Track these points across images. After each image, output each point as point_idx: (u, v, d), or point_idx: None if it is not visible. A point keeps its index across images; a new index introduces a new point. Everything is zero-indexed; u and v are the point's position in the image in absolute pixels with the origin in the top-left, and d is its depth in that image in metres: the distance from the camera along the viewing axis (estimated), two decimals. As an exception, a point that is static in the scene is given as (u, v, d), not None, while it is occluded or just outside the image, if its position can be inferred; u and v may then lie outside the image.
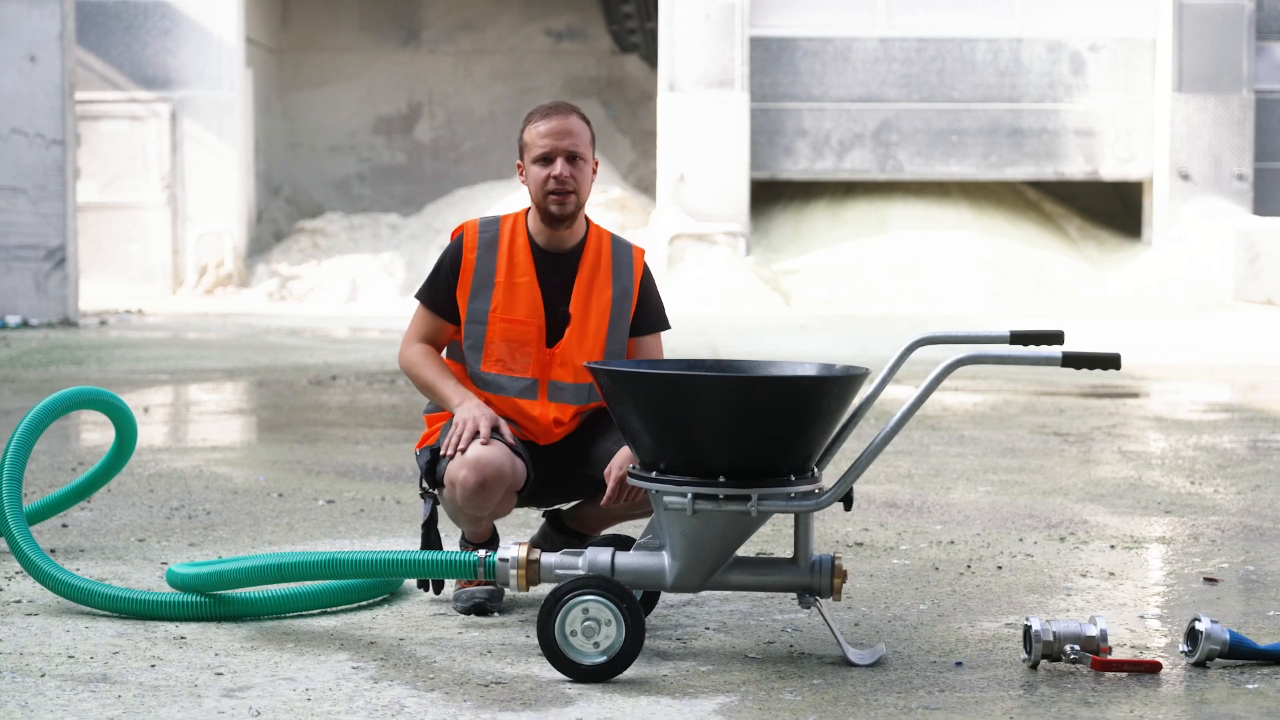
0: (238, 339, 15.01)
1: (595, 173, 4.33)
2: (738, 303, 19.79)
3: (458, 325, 4.33)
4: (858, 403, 3.95)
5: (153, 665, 3.72)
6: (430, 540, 4.27)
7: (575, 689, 3.58)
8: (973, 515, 5.92)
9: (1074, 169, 21.61)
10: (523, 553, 3.83)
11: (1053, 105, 21.47)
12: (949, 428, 8.63)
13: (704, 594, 4.54)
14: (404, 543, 5.25)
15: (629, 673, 3.68)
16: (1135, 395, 10.59)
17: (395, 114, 26.15)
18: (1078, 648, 3.70)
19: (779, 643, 4.02)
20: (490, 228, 4.33)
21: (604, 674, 3.63)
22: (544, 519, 4.50)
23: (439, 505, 4.28)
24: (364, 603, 4.36)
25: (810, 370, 3.97)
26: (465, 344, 4.32)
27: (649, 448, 3.76)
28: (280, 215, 24.30)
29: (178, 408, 9.73)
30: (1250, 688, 3.60)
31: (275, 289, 21.50)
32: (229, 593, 4.17)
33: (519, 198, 21.15)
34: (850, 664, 3.78)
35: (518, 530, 5.34)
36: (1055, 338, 4.10)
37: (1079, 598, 4.55)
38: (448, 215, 22.87)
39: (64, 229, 16.12)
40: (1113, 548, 5.30)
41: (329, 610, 4.29)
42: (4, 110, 15.97)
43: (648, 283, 4.41)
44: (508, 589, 4.24)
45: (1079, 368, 3.71)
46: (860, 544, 5.34)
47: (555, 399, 4.31)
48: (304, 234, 23.04)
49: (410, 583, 4.58)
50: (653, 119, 24.06)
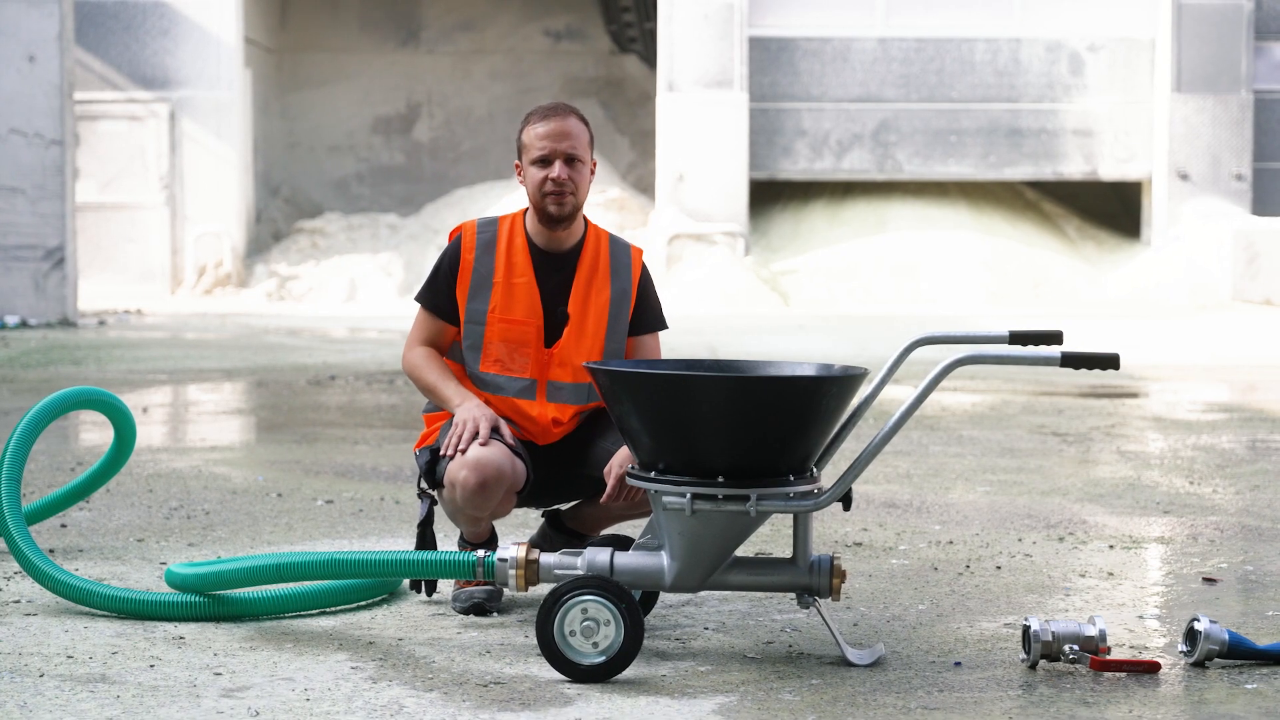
0: (236, 339, 15.00)
1: (593, 173, 4.33)
2: (736, 303, 19.79)
3: (459, 326, 4.33)
4: (856, 403, 3.95)
5: (151, 665, 3.72)
6: (425, 540, 4.27)
7: (574, 689, 3.58)
8: (971, 515, 5.92)
9: (1073, 169, 21.61)
10: (521, 553, 3.83)
11: (1051, 105, 21.47)
12: (948, 428, 8.63)
13: (703, 594, 4.53)
14: (403, 543, 5.25)
15: (628, 673, 3.68)
16: (1134, 395, 10.59)
17: (394, 114, 26.15)
18: (1076, 648, 3.70)
19: (778, 643, 4.02)
20: (488, 228, 4.34)
21: (603, 674, 3.63)
22: (543, 519, 4.50)
23: (435, 505, 4.28)
24: (363, 603, 4.36)
25: (809, 370, 3.97)
26: (464, 344, 4.32)
27: (648, 448, 3.76)
28: (279, 215, 24.29)
29: (176, 408, 9.73)
30: (1249, 688, 3.60)
31: (274, 289, 21.50)
32: (228, 593, 4.17)
33: (518, 198, 21.14)
34: (849, 664, 3.78)
35: (517, 530, 5.33)
36: (1054, 338, 4.10)
37: (1078, 598, 4.55)
38: (446, 215, 22.86)
39: (63, 229, 16.12)
40: (1111, 548, 5.30)
41: (328, 610, 4.29)
42: (3, 110, 15.96)
43: (646, 283, 4.41)
44: (506, 589, 4.24)
45: (1078, 368, 3.71)
46: (859, 544, 5.34)
47: (554, 399, 4.31)
48: (303, 234, 23.04)
49: (409, 583, 4.58)
50: (652, 119, 24.06)
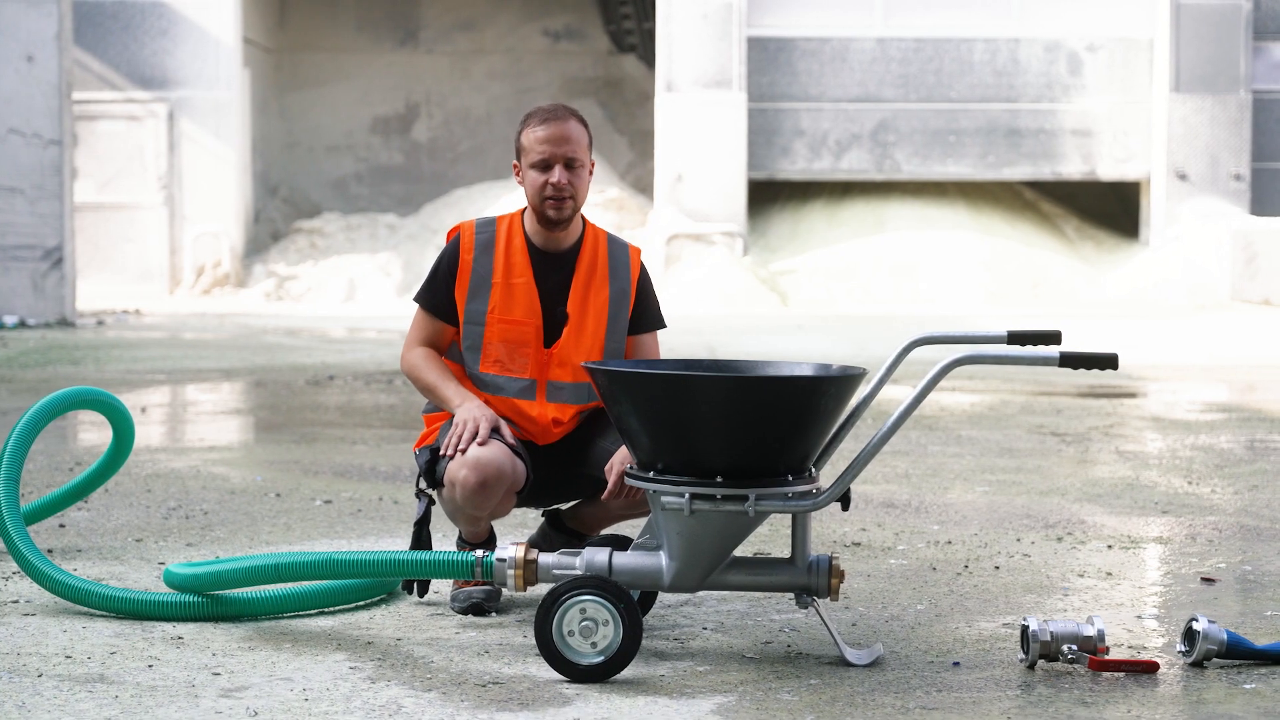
0: (235, 339, 15.00)
1: (591, 173, 4.34)
2: (735, 303, 19.79)
3: (458, 327, 4.33)
4: (855, 403, 3.95)
5: (150, 665, 3.72)
6: (420, 539, 4.26)
7: (573, 689, 3.58)
8: (970, 515, 5.92)
9: (1071, 169, 21.62)
10: (520, 553, 3.83)
11: (1050, 105, 21.47)
12: (946, 428, 8.63)
13: (701, 594, 4.53)
14: (401, 543, 5.25)
15: (626, 673, 3.68)
16: (1132, 395, 10.59)
17: (393, 114, 26.15)
18: (1075, 648, 3.70)
19: (776, 643, 4.02)
20: (486, 229, 4.34)
21: (601, 674, 3.63)
22: (543, 518, 4.50)
23: (433, 504, 4.28)
24: (361, 603, 4.36)
25: (807, 370, 3.97)
26: (463, 345, 4.32)
27: (646, 448, 3.76)
28: (277, 215, 24.29)
29: (175, 408, 9.73)
30: (1247, 687, 3.60)
31: (272, 289, 21.49)
32: (226, 593, 4.17)
33: (516, 198, 21.14)
34: (848, 664, 3.78)
35: (515, 530, 5.33)
36: (1053, 338, 4.10)
37: (1076, 598, 4.55)
38: (445, 215, 22.86)
39: (61, 229, 16.12)
40: (1110, 548, 5.30)
41: (326, 610, 4.29)
42: (1, 110, 15.95)
43: (645, 282, 4.41)
44: (505, 589, 4.24)
45: (1076, 368, 3.71)
46: (858, 544, 5.34)
47: (554, 399, 4.31)
48: (301, 234, 23.04)
49: (401, 583, 4.57)
50: (650, 119, 24.05)
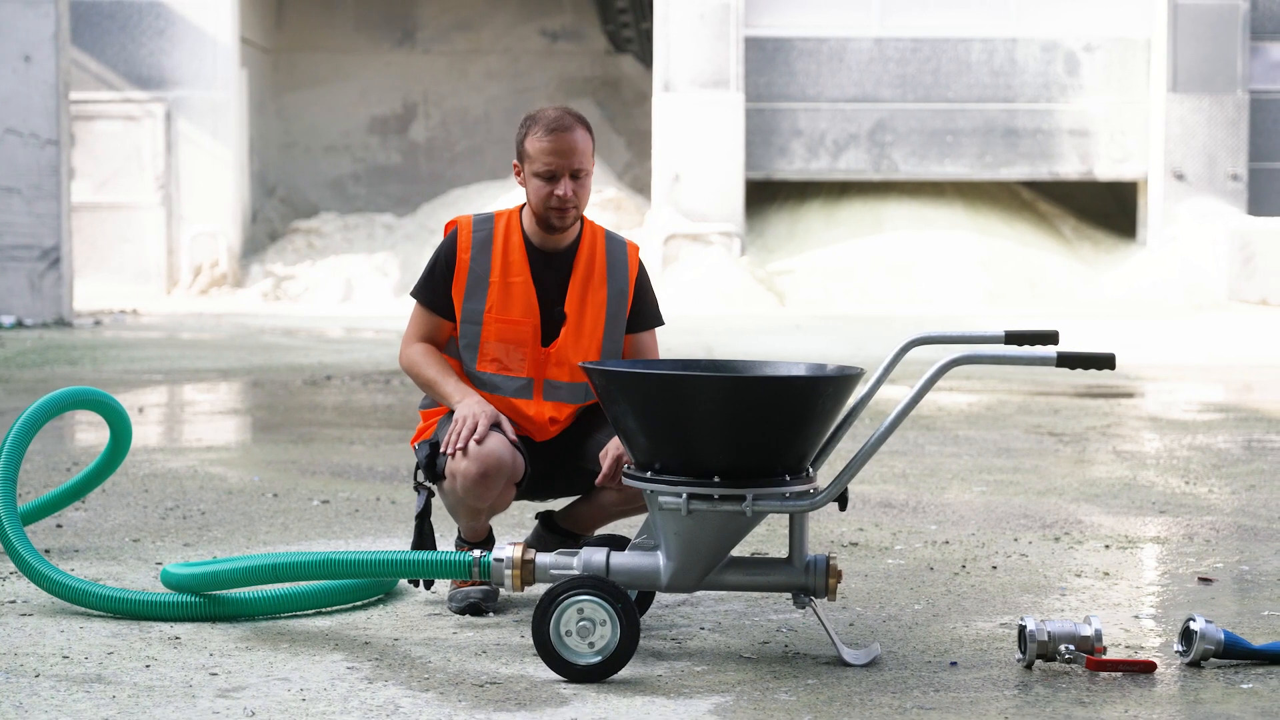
0: (232, 339, 15.00)
1: (591, 172, 4.34)
2: (733, 303, 19.80)
3: (456, 323, 4.33)
4: (853, 403, 3.95)
5: (147, 665, 3.72)
6: (423, 532, 4.25)
7: (570, 689, 3.58)
8: (967, 515, 5.92)
9: (1069, 169, 21.62)
10: (518, 553, 3.83)
11: (1047, 105, 21.48)
12: (944, 428, 8.64)
13: (699, 594, 4.53)
14: (399, 543, 5.25)
15: (624, 673, 3.68)
16: (1130, 395, 10.59)
17: (390, 114, 26.14)
18: (1072, 647, 3.70)
19: (774, 643, 4.02)
20: (484, 226, 4.33)
21: (599, 674, 3.63)
22: (537, 521, 4.49)
23: (433, 497, 4.28)
24: (359, 603, 4.36)
25: (805, 370, 3.97)
26: (460, 343, 4.32)
27: (644, 448, 3.76)
28: (275, 215, 24.28)
29: (172, 408, 9.73)
30: (1244, 687, 3.60)
31: (270, 289, 21.48)
32: (224, 593, 4.17)
33: (514, 197, 21.14)
34: (845, 664, 3.78)
35: (513, 530, 5.33)
36: (1050, 338, 4.10)
37: (1073, 597, 4.55)
38: (443, 215, 22.85)
39: (58, 229, 16.11)
40: (1107, 548, 5.30)
41: (324, 610, 4.29)
42: (-1, 110, 15.97)
43: (643, 280, 4.41)
44: (503, 589, 4.24)
45: (1074, 368, 3.71)
46: (855, 544, 5.34)
47: (551, 398, 4.30)
48: (299, 234, 23.03)
49: (405, 583, 4.58)
50: (648, 119, 24.05)
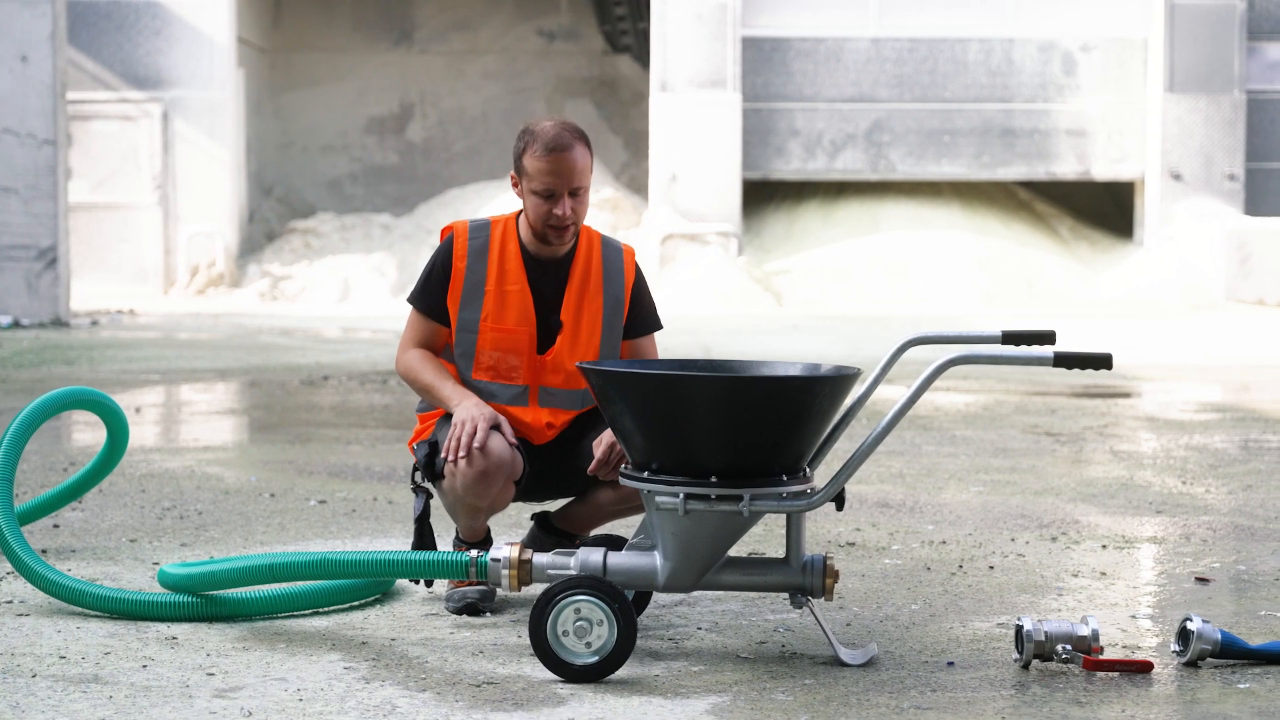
0: (229, 339, 14.99)
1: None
2: (730, 303, 19.80)
3: (452, 328, 4.33)
4: (850, 403, 3.95)
5: (144, 666, 3.72)
6: (424, 534, 4.26)
7: (567, 689, 3.58)
8: (965, 515, 5.92)
9: (1066, 169, 21.63)
10: (515, 553, 3.83)
11: (1044, 105, 21.48)
12: (941, 428, 8.64)
13: (696, 594, 4.53)
14: (396, 543, 5.25)
15: (621, 673, 3.68)
16: (1127, 395, 10.60)
17: (387, 114, 26.13)
18: (1069, 647, 3.70)
19: (771, 643, 4.02)
20: (480, 234, 4.31)
21: (596, 674, 3.63)
22: (532, 522, 4.49)
23: (431, 499, 4.28)
24: (356, 603, 4.36)
25: (802, 370, 3.97)
26: (455, 351, 4.31)
27: (641, 448, 3.76)
28: (272, 215, 24.27)
29: (169, 408, 9.72)
30: (1241, 687, 3.60)
31: (267, 289, 21.48)
32: (220, 593, 4.16)
33: (511, 198, 21.13)
34: (842, 664, 3.78)
35: (510, 530, 5.33)
36: (1047, 338, 4.10)
37: (1070, 597, 4.55)
38: (440, 215, 22.85)
39: (55, 229, 16.10)
40: (1104, 547, 5.30)
41: (321, 610, 4.28)
42: (-5, 110, 15.96)
43: (640, 286, 4.39)
44: (500, 589, 4.24)
45: (1071, 368, 3.71)
46: (852, 544, 5.34)
47: (546, 404, 4.30)
48: (296, 234, 23.03)
49: (402, 583, 4.57)
50: (645, 119, 24.05)
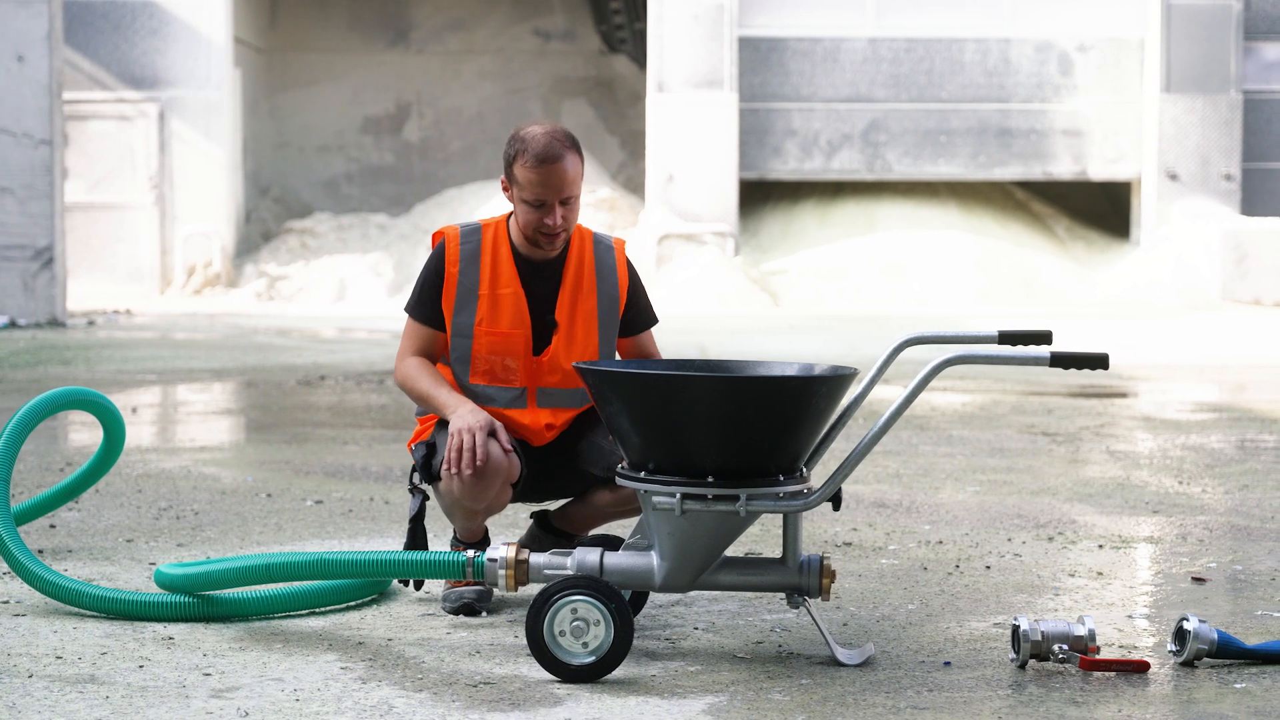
0: (226, 339, 14.98)
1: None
2: (726, 303, 19.80)
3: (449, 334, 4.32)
4: (846, 403, 3.95)
5: (141, 666, 3.71)
6: (416, 535, 4.25)
7: (564, 689, 3.58)
8: (961, 515, 5.93)
9: (1062, 169, 21.64)
10: (511, 553, 3.83)
11: (1041, 106, 21.49)
12: (937, 428, 8.64)
13: (692, 594, 4.53)
14: (393, 543, 5.25)
15: (617, 673, 3.68)
16: (1123, 395, 10.60)
17: (384, 114, 26.13)
18: (1066, 647, 3.70)
19: (767, 643, 4.02)
20: (471, 238, 4.30)
21: (592, 674, 3.63)
22: (531, 520, 4.49)
23: (427, 500, 4.28)
24: (352, 603, 4.35)
25: (798, 370, 3.97)
26: (452, 356, 4.31)
27: (637, 448, 3.76)
28: (268, 215, 24.27)
29: (166, 408, 9.72)
30: (1238, 687, 3.60)
31: (263, 289, 21.48)
32: (217, 593, 4.16)
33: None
34: (839, 664, 3.78)
35: (507, 530, 5.33)
36: (1043, 338, 4.10)
37: (1067, 597, 4.55)
38: (436, 215, 22.85)
39: (51, 229, 16.09)
40: (1101, 547, 5.30)
41: (317, 611, 4.28)
42: (-8, 110, 15.96)
43: (634, 283, 4.39)
44: (496, 589, 4.24)
45: (1067, 368, 3.71)
46: (849, 544, 5.34)
47: (545, 404, 4.29)
48: (292, 234, 23.02)
49: (398, 583, 4.57)
50: (641, 119, 24.05)
